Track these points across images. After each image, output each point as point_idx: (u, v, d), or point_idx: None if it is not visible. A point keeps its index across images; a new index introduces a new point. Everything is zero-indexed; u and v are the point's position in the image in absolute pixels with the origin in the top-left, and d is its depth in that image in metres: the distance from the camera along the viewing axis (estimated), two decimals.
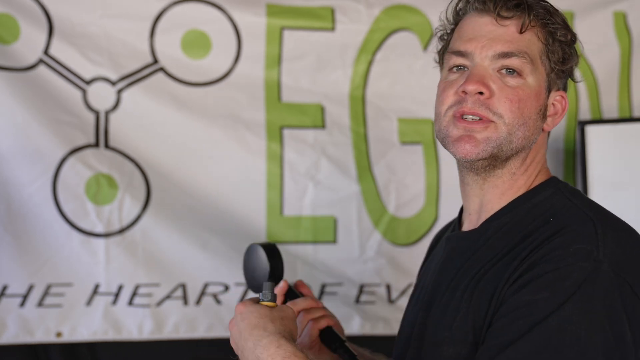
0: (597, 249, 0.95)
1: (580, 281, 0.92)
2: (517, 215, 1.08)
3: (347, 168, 2.11)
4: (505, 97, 1.04)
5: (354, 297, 2.13)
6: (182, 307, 2.04)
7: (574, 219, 1.02)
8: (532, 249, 0.98)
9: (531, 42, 1.06)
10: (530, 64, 1.05)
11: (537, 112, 1.07)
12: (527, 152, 1.09)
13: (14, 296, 1.94)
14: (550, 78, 1.08)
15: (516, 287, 0.95)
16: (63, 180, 1.95)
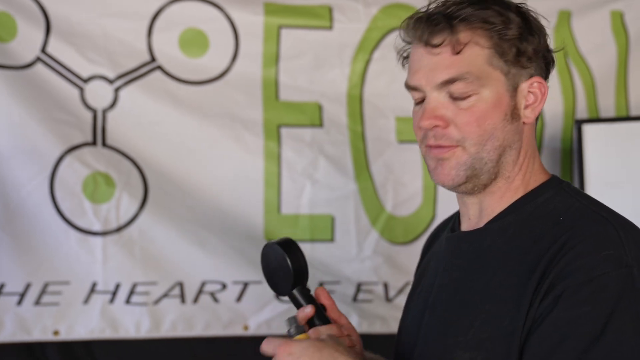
0: (626, 253, 0.92)
1: (620, 291, 0.90)
2: (521, 216, 1.04)
3: (345, 167, 2.10)
4: (462, 121, 1.00)
5: (352, 296, 2.13)
6: (179, 306, 2.03)
7: (587, 220, 0.99)
8: (553, 255, 0.94)
9: (472, 56, 1.00)
10: (476, 80, 0.99)
11: (503, 118, 1.01)
12: (517, 150, 1.04)
13: (11, 294, 1.93)
14: (511, 76, 1.01)
15: (550, 301, 0.92)
16: (60, 178, 1.94)
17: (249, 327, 2.07)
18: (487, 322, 0.99)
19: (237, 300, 2.05)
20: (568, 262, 0.92)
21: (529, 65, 1.01)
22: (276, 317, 2.07)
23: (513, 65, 1.00)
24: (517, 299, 0.96)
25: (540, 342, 0.92)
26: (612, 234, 0.95)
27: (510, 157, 1.04)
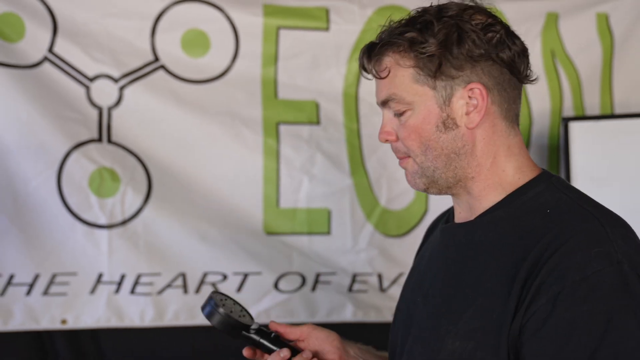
0: (614, 249, 0.92)
1: (615, 287, 0.90)
2: (510, 210, 1.03)
3: (341, 162, 2.11)
4: (402, 135, 1.04)
5: (347, 286, 2.14)
6: (182, 296, 2.04)
7: (574, 215, 0.98)
8: (541, 252, 0.94)
9: (399, 77, 1.02)
10: (404, 98, 1.02)
11: (435, 130, 1.02)
12: (468, 153, 1.04)
13: (20, 285, 1.94)
14: (440, 89, 1.01)
15: (545, 301, 0.91)
16: (67, 174, 1.95)
17: None
18: (477, 313, 0.99)
19: (238, 291, 2.06)
20: (559, 260, 0.92)
21: (460, 74, 1.00)
22: (275, 306, 2.09)
23: (439, 79, 1.00)
24: (506, 292, 0.96)
25: (545, 346, 0.90)
26: (599, 230, 0.94)
27: (463, 161, 1.04)
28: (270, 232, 2.08)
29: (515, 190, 1.04)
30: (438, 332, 1.03)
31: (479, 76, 1.01)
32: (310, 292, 2.12)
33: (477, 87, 1.01)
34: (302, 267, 2.11)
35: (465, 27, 1.00)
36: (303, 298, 2.12)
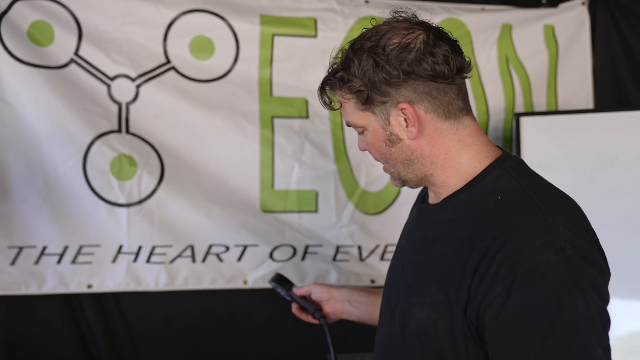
0: (558, 238, 0.90)
1: (562, 272, 0.88)
2: (471, 194, 1.02)
3: (326, 151, 2.12)
4: (368, 150, 1.09)
5: (332, 256, 2.16)
6: (190, 264, 2.05)
7: (521, 206, 0.96)
8: (491, 241, 0.93)
9: (347, 107, 1.05)
10: (357, 123, 1.06)
11: (385, 145, 1.04)
12: (421, 158, 1.04)
13: (52, 255, 1.94)
14: (378, 112, 1.02)
15: (501, 290, 0.90)
16: (91, 160, 1.94)
17: (247, 282, 2.08)
18: (440, 287, 0.98)
19: (238, 260, 2.07)
20: (510, 252, 0.90)
21: (388, 99, 0.99)
22: (270, 273, 2.02)
23: (373, 105, 1.01)
24: (460, 272, 0.95)
25: (504, 329, 0.89)
26: (543, 222, 0.92)
27: (417, 164, 1.04)
28: (266, 210, 2.08)
29: (475, 177, 1.02)
30: (410, 302, 1.04)
31: (404, 96, 0.99)
32: (300, 261, 2.13)
33: (404, 107, 0.99)
34: (293, 240, 2.12)
35: (380, 58, 0.97)
36: (294, 266, 2.13)
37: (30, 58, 1.88)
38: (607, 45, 2.30)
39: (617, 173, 1.94)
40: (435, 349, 0.99)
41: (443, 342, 0.97)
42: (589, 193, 1.94)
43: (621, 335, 1.85)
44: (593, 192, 1.95)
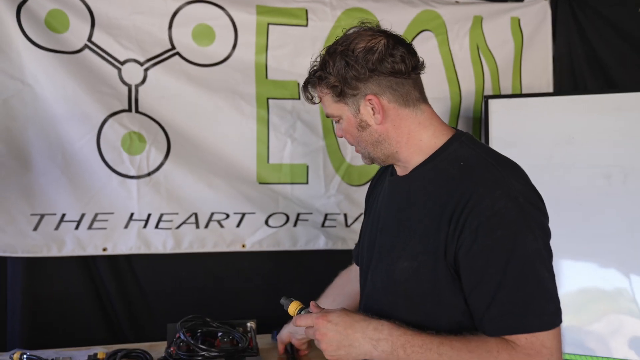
0: (511, 189, 1.00)
1: (515, 215, 0.98)
2: (436, 163, 1.10)
3: (316, 129, 2.12)
4: (344, 135, 1.17)
5: (321, 223, 2.18)
6: (194, 230, 2.06)
7: (479, 166, 1.05)
8: (459, 197, 1.01)
9: (325, 101, 1.14)
10: (333, 115, 1.15)
11: (357, 131, 1.13)
12: (388, 139, 1.12)
13: (70, 221, 1.94)
14: (350, 103, 1.11)
15: (469, 233, 0.99)
16: (104, 136, 1.93)
17: (245, 245, 2.10)
18: (418, 241, 1.06)
19: (237, 226, 2.08)
20: (474, 204, 0.99)
21: (357, 92, 1.09)
22: (266, 238, 2.11)
23: (346, 97, 1.10)
24: (436, 225, 1.03)
25: (474, 263, 0.99)
26: (498, 176, 1.02)
27: (384, 144, 1.13)
28: (262, 182, 2.09)
29: (436, 151, 1.11)
30: (392, 257, 1.11)
31: (370, 89, 1.09)
32: (292, 227, 2.15)
33: (371, 97, 1.09)
34: (286, 209, 2.14)
35: (350, 59, 1.07)
36: (287, 232, 2.15)
37: (48, 44, 1.85)
38: (566, 37, 2.31)
39: (573, 150, 1.96)
40: (419, 294, 1.06)
41: (425, 288, 1.05)
42: (548, 167, 1.96)
43: (571, 291, 1.90)
44: (551, 166, 1.97)
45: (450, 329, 1.04)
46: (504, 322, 0.97)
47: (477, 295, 1.00)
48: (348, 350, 1.03)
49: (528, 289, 0.97)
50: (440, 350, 0.98)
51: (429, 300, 1.06)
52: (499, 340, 0.98)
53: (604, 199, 1.90)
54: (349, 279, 1.48)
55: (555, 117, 2.01)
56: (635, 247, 1.85)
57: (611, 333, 1.84)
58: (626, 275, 1.86)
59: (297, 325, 1.12)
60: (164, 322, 1.77)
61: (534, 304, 0.97)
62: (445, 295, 1.04)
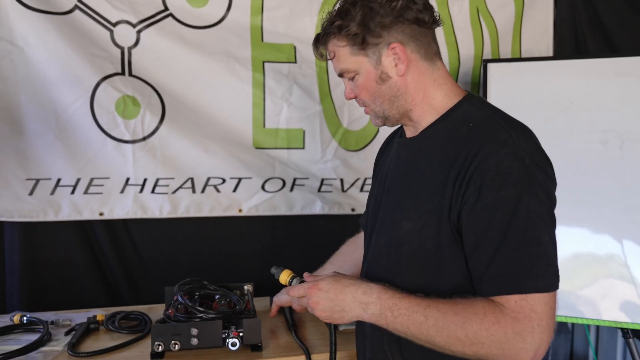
0: (518, 149, 0.98)
1: (520, 176, 0.97)
2: (445, 124, 1.10)
3: (312, 93, 2.10)
4: (358, 93, 1.13)
5: (317, 188, 2.18)
6: (191, 195, 2.06)
7: (489, 127, 1.03)
8: (466, 155, 1.01)
9: (340, 55, 1.09)
10: (350, 68, 1.10)
11: (375, 84, 1.09)
12: (405, 94, 1.10)
13: (66, 186, 1.94)
14: (371, 54, 1.07)
15: (473, 190, 0.98)
16: (98, 100, 1.90)
17: (242, 210, 2.10)
18: (423, 201, 1.06)
19: (233, 191, 2.08)
20: (480, 161, 0.98)
21: (380, 40, 1.06)
22: (262, 202, 2.12)
23: (367, 47, 1.06)
24: (442, 185, 1.03)
25: (477, 222, 0.98)
26: (507, 137, 1.00)
27: (401, 100, 1.11)
28: (258, 147, 2.08)
29: (447, 111, 1.10)
30: (396, 218, 1.11)
31: (395, 37, 1.06)
32: (289, 192, 2.15)
33: (395, 46, 1.06)
34: (283, 174, 2.13)
35: (374, 5, 1.05)
36: (283, 196, 2.15)
37: (37, 4, 1.80)
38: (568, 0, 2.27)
39: (571, 115, 1.95)
40: (421, 255, 1.06)
41: (428, 249, 1.05)
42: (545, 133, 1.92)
43: (566, 256, 1.92)
44: (549, 131, 1.95)
45: (452, 291, 1.03)
46: (500, 282, 0.97)
47: (477, 257, 1.00)
48: (341, 314, 1.06)
49: (527, 250, 0.96)
50: (426, 312, 0.99)
51: (431, 262, 1.06)
52: (486, 303, 0.98)
53: (600, 165, 1.90)
54: (357, 246, 1.48)
55: (554, 81, 1.99)
56: (629, 212, 1.86)
57: (602, 297, 1.87)
58: (619, 240, 1.87)
59: (290, 296, 1.15)
60: (161, 285, 1.78)
61: (531, 265, 0.96)
62: (447, 257, 1.04)
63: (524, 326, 0.94)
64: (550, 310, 0.96)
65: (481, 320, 0.96)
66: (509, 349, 0.95)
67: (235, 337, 1.46)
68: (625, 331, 1.89)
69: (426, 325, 0.99)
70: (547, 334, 0.95)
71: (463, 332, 0.96)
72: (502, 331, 0.94)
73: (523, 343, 0.94)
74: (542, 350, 0.95)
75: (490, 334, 0.95)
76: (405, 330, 1.02)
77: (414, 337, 1.02)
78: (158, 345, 1.44)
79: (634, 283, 1.84)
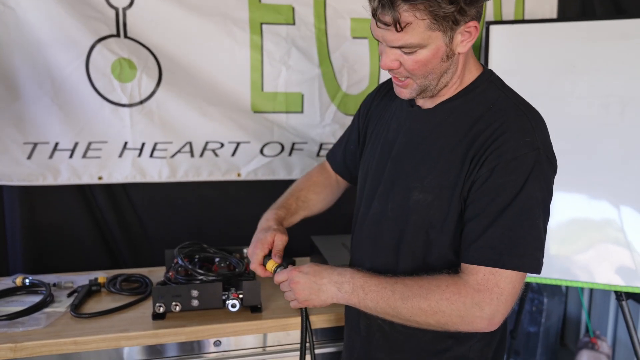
0: (536, 139, 1.02)
1: (532, 165, 1.01)
2: (465, 101, 1.10)
3: (311, 56, 2.07)
4: (409, 66, 1.05)
5: (316, 152, 2.18)
6: (189, 159, 2.06)
7: (510, 111, 1.06)
8: (487, 137, 1.03)
9: (413, 28, 0.98)
10: (417, 44, 1.01)
11: (439, 61, 1.04)
12: (453, 71, 1.08)
13: (64, 150, 1.94)
14: (448, 31, 1.00)
15: (486, 170, 1.02)
16: (93, 62, 1.88)
17: (241, 174, 2.11)
18: (438, 175, 1.09)
19: (232, 155, 2.08)
20: (499, 144, 1.02)
21: (464, 18, 0.99)
22: (261, 167, 2.12)
23: (445, 23, 0.99)
24: (460, 162, 1.06)
25: (482, 197, 1.03)
26: (527, 125, 1.04)
27: (448, 76, 1.08)
28: (256, 111, 2.07)
29: (466, 87, 1.10)
30: (407, 187, 1.13)
31: (472, 15, 1.01)
32: (287, 156, 2.16)
33: (474, 24, 1.02)
34: (281, 138, 2.13)
35: None
36: (282, 161, 2.16)
37: None
38: None
39: (573, 79, 1.93)
40: (426, 225, 1.11)
41: (435, 220, 1.09)
42: (547, 96, 1.94)
43: (563, 221, 1.93)
44: (551, 95, 1.95)
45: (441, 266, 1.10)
46: (485, 253, 1.02)
47: (471, 226, 1.04)
48: (317, 294, 1.13)
49: (519, 231, 1.00)
50: (394, 288, 1.07)
51: (434, 232, 1.10)
52: (450, 276, 1.05)
53: (600, 130, 1.89)
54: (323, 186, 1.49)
55: (558, 44, 1.96)
56: (627, 178, 1.86)
57: (597, 261, 1.90)
58: (616, 205, 1.88)
59: (276, 282, 1.22)
60: (161, 248, 1.80)
61: (520, 245, 1.01)
62: (450, 230, 1.08)
63: (483, 297, 1.01)
64: (513, 290, 1.02)
65: (443, 291, 1.03)
66: (467, 317, 1.02)
67: (235, 299, 1.49)
68: (619, 294, 1.92)
69: (393, 299, 1.06)
70: (503, 307, 1.01)
71: (426, 302, 1.03)
72: (461, 301, 1.01)
73: (480, 312, 1.01)
74: (496, 320, 1.02)
75: (451, 303, 1.02)
76: (375, 305, 1.08)
77: (383, 312, 1.08)
78: (159, 306, 1.47)
79: (629, 248, 1.86)
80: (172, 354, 1.47)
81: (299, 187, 1.48)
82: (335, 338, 1.57)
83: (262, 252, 1.28)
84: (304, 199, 1.45)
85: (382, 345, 1.22)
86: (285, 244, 1.31)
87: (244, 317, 1.51)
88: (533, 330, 2.92)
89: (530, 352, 2.94)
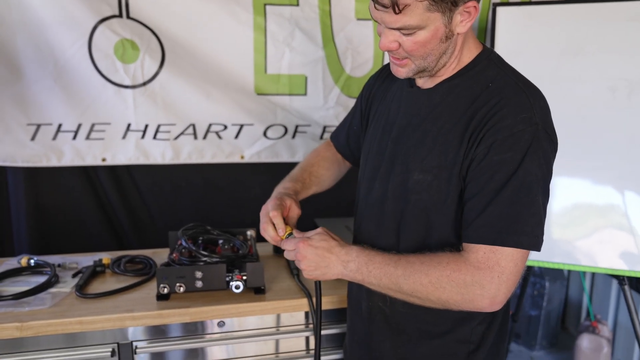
0: (534, 115, 1.01)
1: (530, 140, 1.00)
2: (464, 80, 1.10)
3: (315, 37, 2.05)
4: (408, 47, 1.04)
5: (319, 135, 2.18)
6: (193, 141, 2.06)
7: (509, 88, 1.05)
8: (484, 115, 1.03)
9: (412, 10, 0.98)
10: (413, 26, 1.00)
11: (438, 42, 1.03)
12: (452, 51, 1.08)
13: (67, 132, 1.94)
14: (447, 11, 0.99)
15: (483, 148, 1.02)
16: (96, 43, 1.87)
17: (244, 157, 2.12)
18: (437, 155, 1.08)
19: (235, 137, 2.08)
20: (495, 122, 1.01)
21: None
22: (264, 149, 2.12)
23: (449, 6, 0.99)
24: (458, 142, 1.06)
25: (480, 176, 1.03)
26: (525, 101, 1.03)
27: (446, 57, 1.08)
28: (259, 93, 2.06)
29: (465, 66, 1.10)
30: (407, 167, 1.13)
31: None
32: (291, 139, 2.15)
33: (473, 5, 1.01)
34: (285, 120, 2.13)
35: None
36: (285, 143, 2.15)
37: None
38: None
39: (580, 60, 1.90)
40: (427, 206, 1.11)
41: (435, 200, 1.09)
42: (553, 78, 1.92)
43: (566, 205, 1.93)
44: (557, 77, 1.93)
45: (440, 246, 1.10)
46: (484, 232, 1.02)
47: (471, 205, 1.04)
48: (324, 270, 1.13)
49: (518, 209, 1.00)
50: (396, 264, 1.07)
51: (434, 213, 1.10)
52: (451, 254, 1.05)
53: (607, 114, 1.88)
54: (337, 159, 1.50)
55: (565, 26, 1.93)
56: (632, 162, 1.85)
57: (600, 245, 1.89)
58: (620, 190, 1.87)
59: (283, 249, 1.20)
60: (165, 230, 1.81)
61: (519, 222, 1.00)
62: (451, 212, 1.08)
63: (484, 275, 1.00)
64: (515, 268, 1.01)
65: (444, 268, 1.03)
66: (467, 294, 1.02)
67: (239, 280, 1.50)
68: (621, 278, 1.92)
69: (395, 275, 1.06)
70: (505, 286, 1.01)
71: (427, 278, 1.03)
72: (461, 278, 1.01)
73: (481, 290, 1.01)
74: (499, 300, 1.02)
75: (451, 280, 1.02)
76: (379, 282, 1.09)
77: (386, 288, 1.09)
78: (163, 287, 1.48)
79: (632, 233, 1.86)
80: (176, 334, 1.48)
81: (310, 163, 1.49)
82: (339, 319, 1.58)
83: (276, 212, 1.25)
84: (316, 174, 1.46)
85: (383, 327, 1.23)
86: (298, 217, 1.30)
87: (248, 299, 1.52)
88: (534, 314, 2.93)
89: (532, 335, 2.96)
